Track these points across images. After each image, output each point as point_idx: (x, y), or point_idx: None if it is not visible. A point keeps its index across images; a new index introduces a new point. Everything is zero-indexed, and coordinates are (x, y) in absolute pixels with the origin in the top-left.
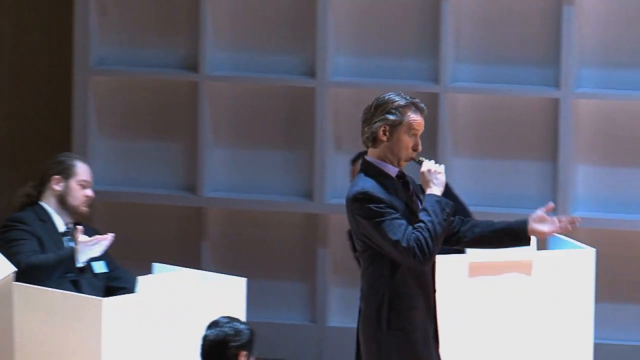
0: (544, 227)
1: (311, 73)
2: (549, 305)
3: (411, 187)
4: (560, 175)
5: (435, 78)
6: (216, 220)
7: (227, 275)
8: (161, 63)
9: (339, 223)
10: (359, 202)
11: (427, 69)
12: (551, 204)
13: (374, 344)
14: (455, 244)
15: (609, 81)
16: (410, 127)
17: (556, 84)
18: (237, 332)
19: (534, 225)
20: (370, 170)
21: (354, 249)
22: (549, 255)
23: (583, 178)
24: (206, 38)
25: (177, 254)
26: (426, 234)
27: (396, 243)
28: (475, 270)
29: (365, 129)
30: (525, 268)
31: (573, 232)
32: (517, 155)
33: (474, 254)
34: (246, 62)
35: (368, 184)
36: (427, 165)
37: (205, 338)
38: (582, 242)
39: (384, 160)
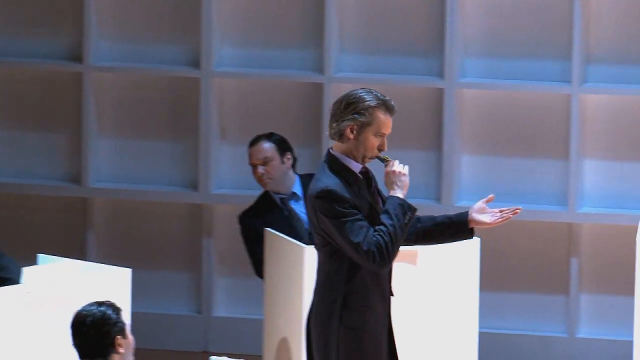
0: (485, 218)
1: (196, 63)
2: (434, 295)
3: (373, 183)
4: (445, 164)
5: (320, 68)
6: (101, 210)
7: (112, 266)
8: (45, 54)
9: (224, 213)
10: (321, 200)
11: (311, 60)
12: (492, 196)
13: (323, 340)
14: None
15: (493, 71)
16: (379, 129)
17: (440, 74)
18: (104, 316)
19: (475, 216)
20: (334, 164)
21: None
22: (434, 245)
23: (468, 167)
24: (90, 28)
25: (62, 244)
26: (387, 238)
27: (357, 246)
28: None
29: (334, 124)
30: (410, 258)
31: None
32: (403, 145)
33: None
34: (131, 52)
35: (332, 182)
36: (392, 166)
37: (78, 323)
38: None
39: (349, 156)
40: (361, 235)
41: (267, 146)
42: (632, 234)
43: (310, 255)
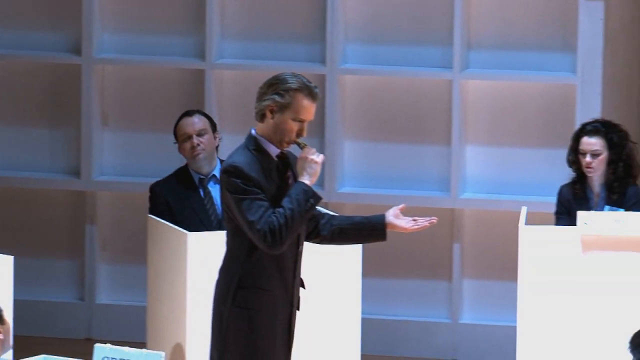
0: (402, 223)
1: (77, 50)
2: (317, 281)
3: (291, 170)
4: (327, 151)
5: (202, 55)
6: None
7: None
8: None
9: (107, 200)
10: (227, 175)
11: (193, 46)
12: (403, 206)
13: (217, 318)
14: (314, 237)
15: (374, 57)
16: (297, 113)
17: (322, 60)
18: None
19: (392, 220)
20: (251, 144)
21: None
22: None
23: (350, 153)
24: None
25: None
26: (282, 221)
27: (251, 223)
28: None
29: (256, 104)
30: None
31: (340, 207)
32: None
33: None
34: (12, 39)
35: (242, 159)
36: (306, 152)
37: None
38: None
39: (267, 138)
40: (257, 214)
41: (203, 119)
42: (514, 219)
43: (193, 242)
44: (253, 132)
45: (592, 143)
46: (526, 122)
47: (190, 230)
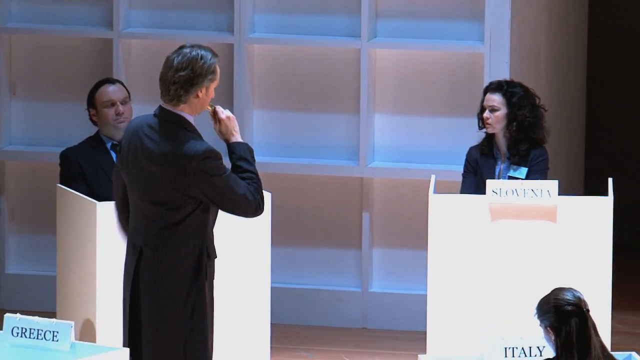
0: None
1: None
2: (225, 251)
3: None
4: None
5: (109, 24)
6: None
7: None
8: None
9: (15, 170)
10: (209, 160)
11: (101, 15)
12: None
13: (183, 299)
14: None
15: (283, 26)
16: (217, 81)
17: (230, 29)
18: None
19: None
20: (185, 124)
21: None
22: None
23: (259, 122)
24: None
25: None
26: (259, 184)
27: (242, 197)
28: None
29: (189, 89)
30: None
31: None
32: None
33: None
34: None
35: (203, 143)
36: (222, 113)
37: None
38: None
39: (190, 114)
40: (242, 188)
41: (124, 89)
42: (424, 188)
43: (103, 212)
44: (179, 112)
45: (491, 99)
46: (434, 91)
47: (103, 195)
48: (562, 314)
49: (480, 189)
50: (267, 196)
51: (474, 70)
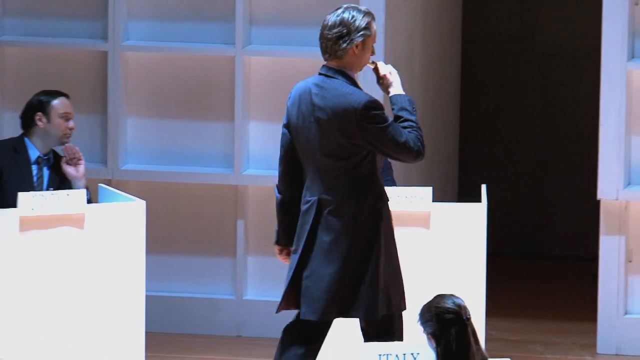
0: None
1: None
2: (96, 259)
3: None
4: (110, 127)
5: None
6: None
7: None
8: None
9: None
10: (370, 110)
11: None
12: None
13: (365, 238)
14: None
15: (157, 33)
16: (375, 38)
17: (104, 37)
18: None
19: None
20: (347, 79)
21: None
22: (100, 208)
23: (134, 130)
24: None
25: None
26: (420, 132)
27: (404, 144)
28: (26, 224)
29: (342, 45)
30: (77, 222)
31: (124, 184)
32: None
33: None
34: None
35: (365, 94)
36: (385, 68)
37: None
38: (132, 194)
39: (351, 69)
40: (404, 136)
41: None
42: None
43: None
44: (335, 66)
45: None
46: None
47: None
48: (442, 322)
49: None
50: (141, 205)
51: None
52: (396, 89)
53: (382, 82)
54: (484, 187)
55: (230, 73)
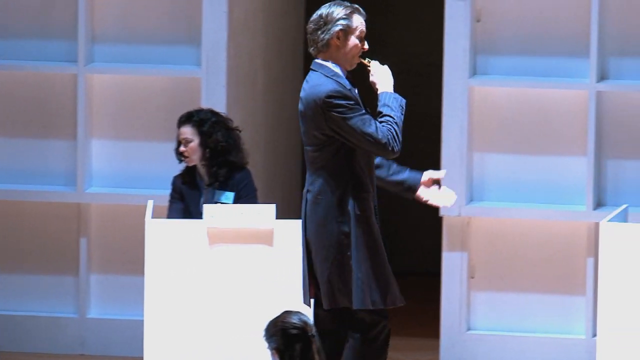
0: (424, 195)
1: None
2: None
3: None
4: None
5: None
6: None
7: None
8: None
9: None
10: (333, 99)
11: None
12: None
13: (333, 232)
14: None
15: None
16: (359, 31)
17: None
18: None
19: (421, 191)
20: (325, 71)
21: None
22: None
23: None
24: None
25: None
26: (395, 127)
27: (370, 135)
28: None
29: (320, 35)
30: None
31: None
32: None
33: None
34: None
35: (335, 84)
36: (380, 66)
37: None
38: None
39: (337, 62)
40: (372, 127)
41: None
42: (141, 213)
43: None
44: (320, 61)
45: (183, 132)
46: (152, 116)
47: None
48: (287, 338)
49: (187, 214)
50: None
51: (191, 94)
52: (385, 87)
53: (376, 77)
54: None
55: (73, 91)
